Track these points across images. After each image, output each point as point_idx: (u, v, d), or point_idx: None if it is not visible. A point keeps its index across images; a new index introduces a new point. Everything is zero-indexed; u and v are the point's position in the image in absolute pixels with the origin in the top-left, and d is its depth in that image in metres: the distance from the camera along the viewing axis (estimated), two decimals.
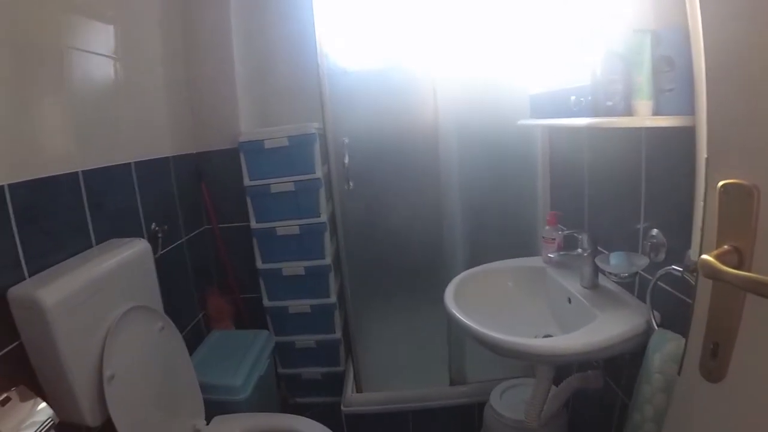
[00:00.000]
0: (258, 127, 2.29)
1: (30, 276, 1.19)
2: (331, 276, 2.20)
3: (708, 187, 0.66)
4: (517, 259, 1.76)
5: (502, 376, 1.84)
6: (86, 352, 1.18)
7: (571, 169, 1.67)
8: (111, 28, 1.65)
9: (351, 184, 1.87)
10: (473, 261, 1.82)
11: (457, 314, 1.36)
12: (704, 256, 0.58)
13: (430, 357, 2.10)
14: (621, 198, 1.30)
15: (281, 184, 2.11)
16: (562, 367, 1.64)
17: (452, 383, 2.10)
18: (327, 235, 2.16)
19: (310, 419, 1.61)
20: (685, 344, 0.74)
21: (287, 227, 2.15)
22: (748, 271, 0.58)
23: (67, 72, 1.42)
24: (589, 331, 1.15)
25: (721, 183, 0.64)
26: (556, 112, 1.43)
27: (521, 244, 1.86)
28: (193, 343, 1.93)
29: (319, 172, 2.08)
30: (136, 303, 1.37)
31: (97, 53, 1.56)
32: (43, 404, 1.08)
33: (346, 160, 1.84)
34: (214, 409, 1.67)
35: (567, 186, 1.72)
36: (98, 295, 1.24)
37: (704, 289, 0.68)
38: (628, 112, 1.03)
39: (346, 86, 1.84)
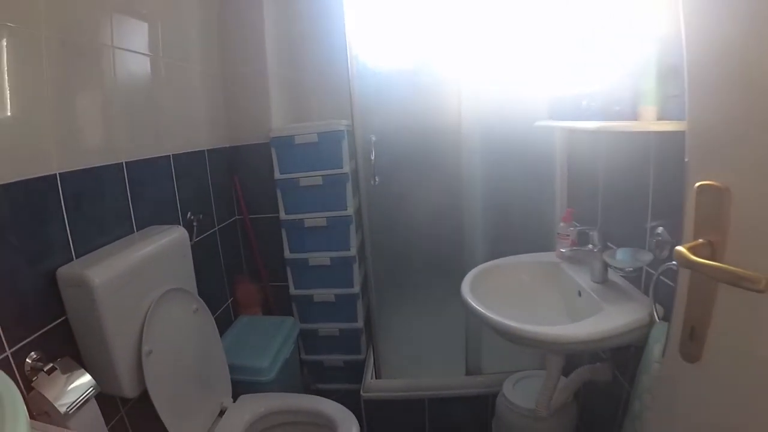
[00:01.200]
0: (289, 123, 2.38)
1: (77, 258, 1.30)
2: (356, 267, 2.28)
3: (688, 187, 0.72)
4: (533, 254, 1.82)
5: (516, 368, 1.89)
6: (127, 329, 1.29)
7: (586, 168, 1.72)
8: (153, 27, 1.74)
9: (377, 179, 1.95)
10: (492, 256, 1.87)
11: (472, 302, 1.43)
12: (678, 248, 0.65)
13: (447, 348, 2.17)
14: (631, 197, 1.35)
15: (310, 178, 2.20)
16: (571, 359, 1.69)
17: (468, 373, 2.17)
18: (353, 228, 2.24)
19: (331, 400, 1.70)
20: (668, 328, 0.80)
21: (315, 219, 2.24)
22: (720, 262, 0.64)
23: (113, 70, 1.52)
24: (594, 322, 1.21)
25: (697, 184, 0.70)
26: (571, 115, 1.49)
27: (539, 240, 1.91)
28: (222, 326, 2.04)
29: (346, 168, 2.17)
30: (173, 285, 1.47)
31: (140, 52, 1.66)
32: (86, 374, 1.19)
33: (373, 157, 1.92)
34: (240, 388, 1.78)
35: (583, 185, 1.77)
36: (140, 277, 1.34)
37: (683, 278, 0.75)
38: (635, 116, 1.08)
39: (375, 86, 1.92)
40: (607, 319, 1.21)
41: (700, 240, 0.67)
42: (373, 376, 2.19)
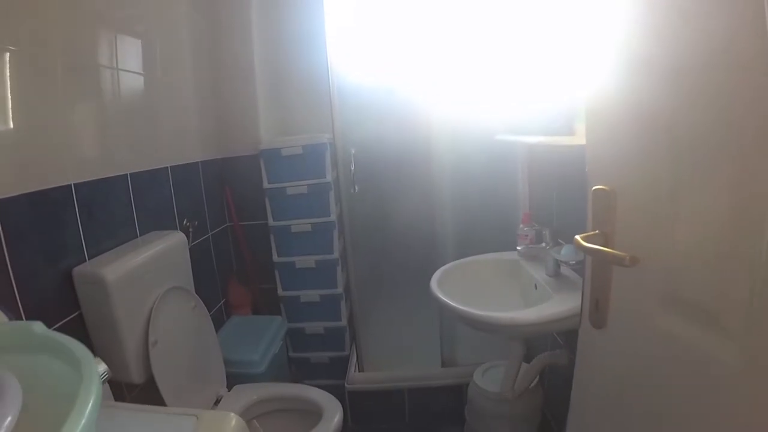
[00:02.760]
0: (275, 135, 2.55)
1: (89, 258, 1.46)
2: (339, 269, 2.45)
3: (587, 191, 0.92)
4: (496, 253, 1.99)
5: (487, 360, 2.05)
6: (135, 321, 1.45)
7: (545, 175, 1.92)
8: (150, 47, 1.90)
9: (356, 188, 2.14)
10: (461, 255, 2.05)
11: (439, 294, 1.62)
12: (575, 237, 0.85)
13: (424, 342, 2.36)
14: (576, 199, 1.54)
15: (296, 187, 2.37)
16: (533, 347, 1.88)
17: (443, 365, 2.35)
18: (336, 233, 2.41)
19: (318, 389, 1.87)
20: (582, 302, 0.99)
21: (301, 225, 2.41)
22: (611, 248, 0.83)
23: (117, 89, 1.69)
24: (541, 308, 1.41)
25: (593, 188, 0.90)
26: (523, 130, 1.69)
27: (504, 241, 2.06)
28: (216, 325, 2.16)
29: (329, 177, 2.34)
30: (174, 284, 1.64)
31: (138, 72, 1.83)
32: (101, 362, 1.35)
33: (353, 168, 2.11)
34: (234, 380, 1.94)
35: (541, 190, 1.97)
36: (145, 276, 1.51)
37: (588, 261, 0.94)
38: (571, 132, 1.28)
39: (354, 103, 2.11)
40: (553, 306, 1.40)
41: (596, 231, 0.87)
42: (356, 370, 2.36)
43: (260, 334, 2.24)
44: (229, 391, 1.87)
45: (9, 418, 0.46)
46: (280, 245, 2.47)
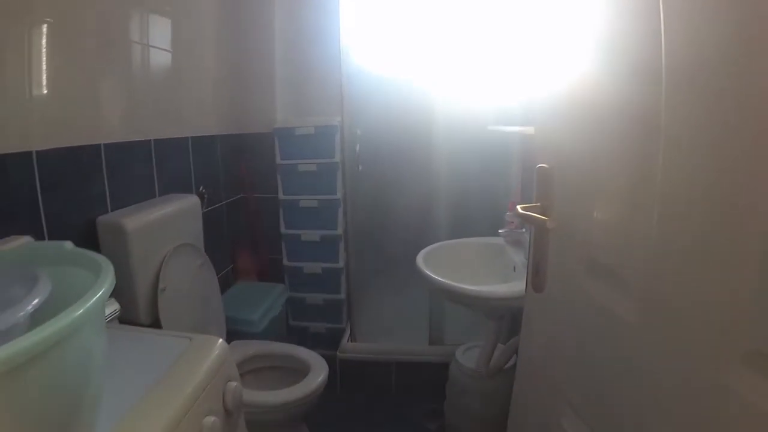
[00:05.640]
0: (288, 116, 2.68)
1: (112, 210, 1.63)
2: (341, 245, 2.60)
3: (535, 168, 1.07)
4: (484, 237, 2.12)
5: (472, 341, 2.17)
6: (148, 269, 1.62)
7: (531, 162, 2.05)
8: (176, 26, 2.06)
9: (360, 167, 2.29)
10: (454, 237, 2.20)
11: (422, 268, 1.76)
12: (517, 206, 0.99)
13: (415, 320, 2.51)
14: None
15: (306, 165, 2.53)
16: (511, 328, 2.01)
17: (431, 343, 2.50)
18: (341, 211, 2.55)
19: (308, 349, 2.03)
20: (527, 268, 1.13)
21: (308, 201, 2.57)
22: (548, 217, 0.98)
23: (147, 63, 1.86)
24: (512, 285, 1.55)
25: (537, 166, 1.03)
26: (509, 120, 1.84)
27: (496, 225, 2.14)
28: (222, 287, 2.33)
29: (338, 158, 2.48)
30: (186, 241, 1.81)
31: (165, 49, 1.99)
32: (114, 301, 1.52)
33: (358, 148, 2.27)
34: (233, 337, 2.11)
35: (530, 177, 2.09)
36: (160, 230, 1.68)
37: (532, 230, 1.08)
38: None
39: (362, 89, 2.28)
40: (523, 284, 1.54)
41: (538, 203, 1.01)
42: (349, 340, 2.53)
43: (262, 298, 2.41)
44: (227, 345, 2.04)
45: (38, 299, 0.61)
46: (288, 218, 2.64)
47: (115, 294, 1.56)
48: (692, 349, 0.62)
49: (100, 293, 0.61)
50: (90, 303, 0.58)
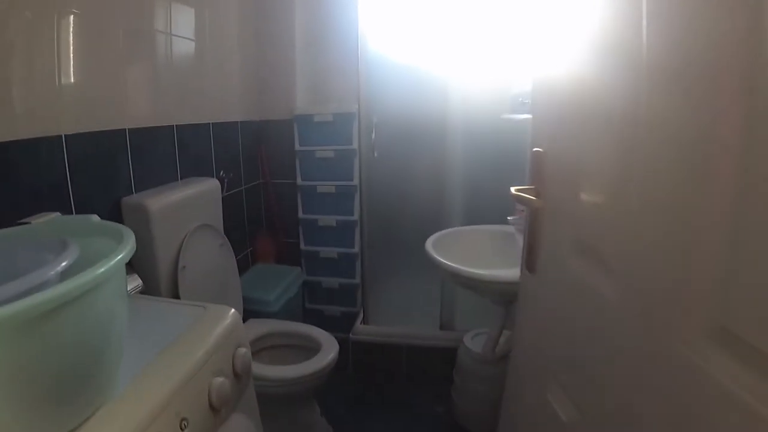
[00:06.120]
0: (307, 103, 2.75)
1: (136, 192, 1.72)
2: (357, 230, 2.66)
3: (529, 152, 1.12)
4: (495, 225, 2.16)
5: (482, 327, 2.21)
6: (169, 248, 1.71)
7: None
8: (200, 16, 2.14)
9: (376, 153, 2.36)
10: (467, 224, 2.26)
11: (431, 251, 1.82)
12: (511, 189, 1.05)
13: (426, 306, 2.57)
14: None
15: (324, 151, 2.60)
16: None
17: (441, 328, 2.56)
18: (357, 196, 2.61)
19: (320, 329, 2.11)
20: (523, 248, 1.18)
21: (326, 187, 2.64)
22: (541, 199, 1.03)
23: (171, 52, 1.94)
24: (518, 271, 1.58)
25: (532, 150, 1.08)
26: (520, 109, 1.88)
27: (509, 214, 2.16)
28: (240, 269, 2.42)
29: (355, 144, 2.54)
30: (206, 222, 1.90)
31: (191, 39, 2.07)
32: (137, 276, 1.61)
33: (373, 135, 2.33)
34: (249, 315, 2.20)
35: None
36: (182, 211, 1.76)
37: (527, 212, 1.13)
38: None
39: (379, 78, 2.33)
40: None
41: (532, 186, 1.06)
42: (362, 323, 2.60)
43: (279, 280, 2.49)
44: (243, 323, 2.12)
45: (67, 261, 0.69)
46: (305, 203, 2.71)
47: (138, 271, 1.68)
48: (662, 326, 0.66)
49: (122, 254, 0.69)
50: (113, 262, 0.65)
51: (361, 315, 2.64)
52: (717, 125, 0.57)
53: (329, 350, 1.95)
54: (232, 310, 1.09)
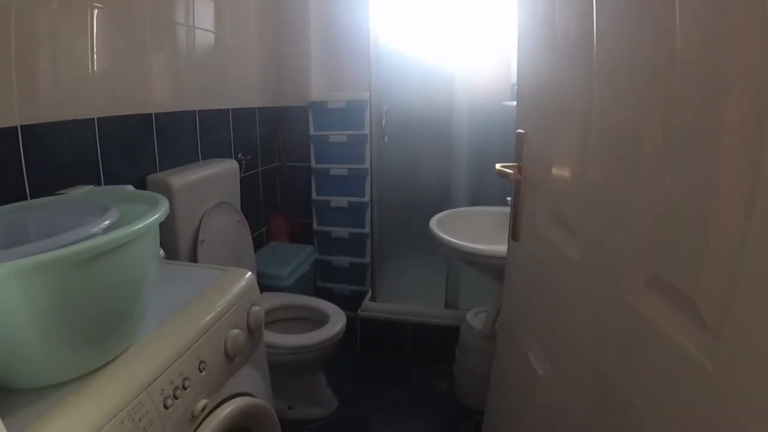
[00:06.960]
0: (321, 91, 2.87)
1: (160, 170, 1.86)
2: (368, 212, 2.78)
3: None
4: (497, 206, 2.23)
5: (486, 306, 2.28)
6: (189, 222, 1.84)
7: None
8: (221, 8, 2.27)
9: (386, 139, 2.47)
10: (473, 205, 2.37)
11: (435, 229, 1.93)
12: (496, 165, 1.16)
13: (433, 285, 2.67)
14: None
15: (337, 136, 2.73)
16: None
17: (447, 307, 2.66)
18: (368, 179, 2.73)
19: (329, 302, 2.24)
20: (510, 219, 1.29)
21: (339, 169, 2.77)
22: (522, 177, 1.14)
23: (193, 43, 2.06)
24: None
25: (516, 131, 1.19)
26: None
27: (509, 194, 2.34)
28: (255, 246, 2.51)
29: (367, 129, 2.66)
30: (224, 200, 2.03)
31: (211, 30, 2.19)
32: (159, 247, 1.74)
33: (383, 122, 2.44)
34: (263, 289, 2.31)
35: None
36: (202, 189, 1.90)
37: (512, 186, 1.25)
38: None
39: (389, 66, 2.43)
40: None
41: (516, 164, 1.17)
42: (369, 300, 2.73)
43: (291, 257, 2.63)
44: None
45: (108, 221, 0.82)
46: (319, 185, 2.85)
47: (161, 243, 1.81)
48: (612, 278, 0.78)
49: (158, 213, 0.82)
50: (152, 218, 0.79)
51: (370, 293, 2.76)
52: (642, 115, 0.68)
53: (337, 322, 2.08)
54: (248, 273, 1.23)
